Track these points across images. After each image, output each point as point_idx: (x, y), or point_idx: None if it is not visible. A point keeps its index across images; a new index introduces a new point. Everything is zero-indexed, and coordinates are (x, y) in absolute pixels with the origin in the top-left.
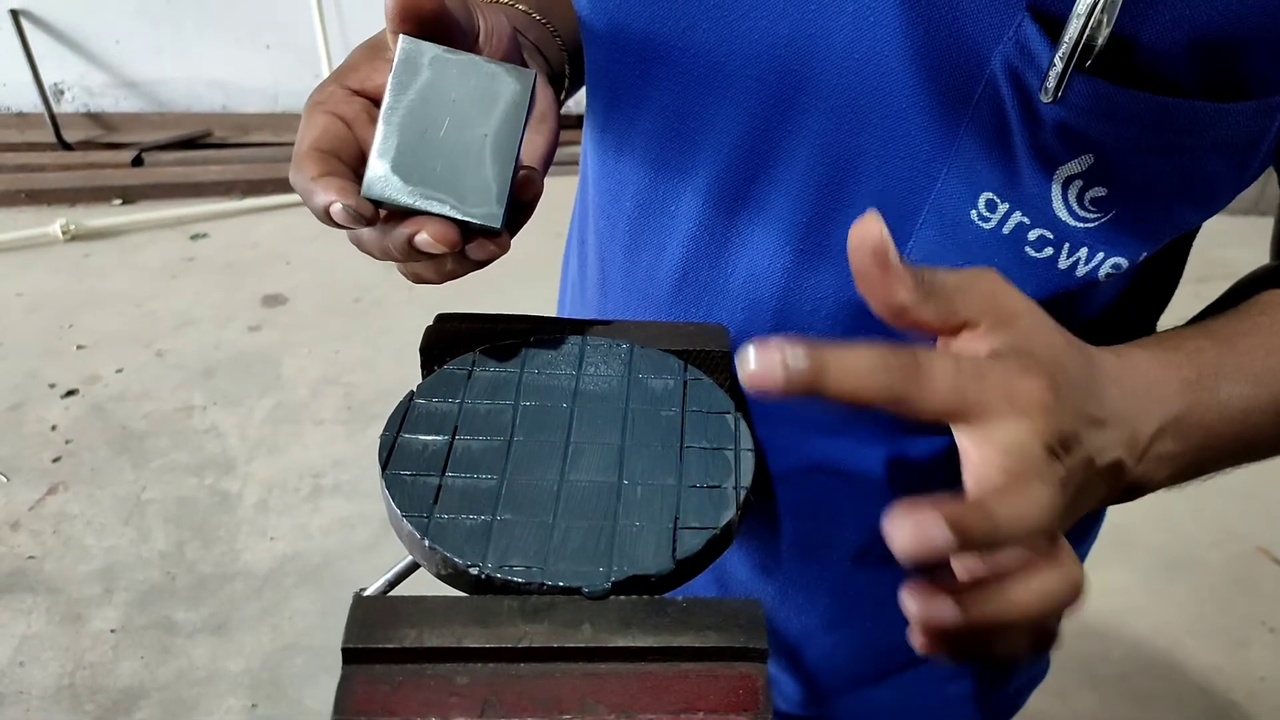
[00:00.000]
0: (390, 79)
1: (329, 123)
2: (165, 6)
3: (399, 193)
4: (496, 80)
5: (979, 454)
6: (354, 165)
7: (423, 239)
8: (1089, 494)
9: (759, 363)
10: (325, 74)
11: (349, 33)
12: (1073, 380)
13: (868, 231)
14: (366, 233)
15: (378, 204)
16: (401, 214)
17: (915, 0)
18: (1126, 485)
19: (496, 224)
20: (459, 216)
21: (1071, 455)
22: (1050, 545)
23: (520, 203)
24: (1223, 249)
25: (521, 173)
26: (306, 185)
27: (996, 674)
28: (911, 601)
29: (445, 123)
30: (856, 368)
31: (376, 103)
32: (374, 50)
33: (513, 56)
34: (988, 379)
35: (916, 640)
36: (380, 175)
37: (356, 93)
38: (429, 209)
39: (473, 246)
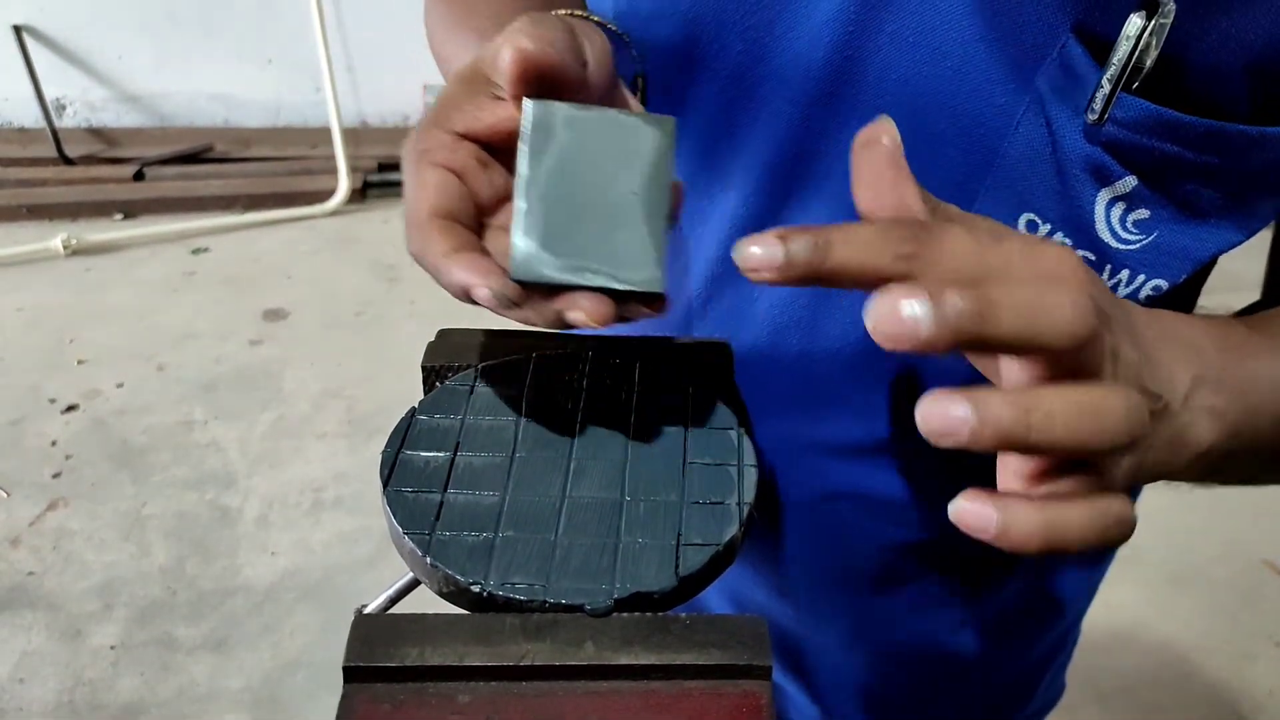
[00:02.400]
0: (522, 146)
1: (442, 179)
2: (167, 21)
3: (551, 269)
4: (636, 132)
5: None
6: (473, 226)
7: (576, 317)
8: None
9: (757, 245)
10: (327, 88)
11: (350, 46)
12: (1101, 288)
13: (879, 131)
14: None
15: (526, 284)
16: (551, 287)
17: (956, 21)
18: (1172, 434)
19: (659, 288)
20: (618, 286)
21: (1112, 334)
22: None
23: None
24: (1228, 261)
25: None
26: (438, 262)
27: (1013, 696)
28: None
29: (589, 186)
30: (861, 238)
31: (484, 146)
32: (472, 84)
33: (613, 80)
34: (1007, 242)
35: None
36: (529, 253)
37: (463, 136)
38: (585, 283)
39: (628, 310)
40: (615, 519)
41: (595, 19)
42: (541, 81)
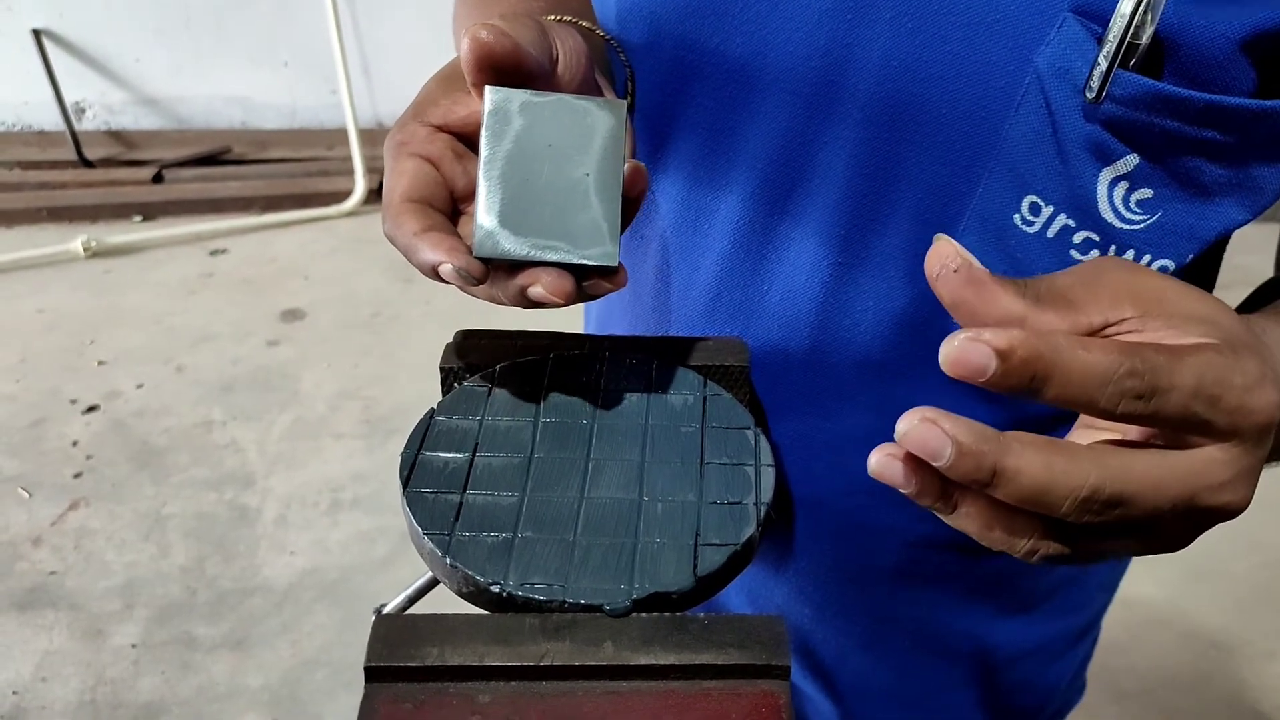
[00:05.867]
0: (483, 131)
1: (417, 167)
2: (184, 25)
3: (511, 246)
4: (589, 116)
5: (1168, 461)
6: (447, 211)
7: (537, 292)
8: None
9: (964, 350)
10: (343, 90)
11: (366, 49)
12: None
13: (942, 253)
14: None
15: (489, 261)
16: (514, 264)
17: (955, 5)
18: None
19: (613, 263)
20: (575, 261)
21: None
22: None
23: (627, 199)
24: (1244, 255)
25: (628, 166)
26: (409, 242)
27: (1032, 695)
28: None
29: (545, 167)
30: (1087, 376)
31: (460, 138)
32: (450, 81)
33: (589, 79)
34: (1223, 401)
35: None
36: (490, 231)
37: (439, 129)
38: (543, 258)
39: (589, 285)
40: (633, 519)
41: (584, 24)
42: (501, 71)
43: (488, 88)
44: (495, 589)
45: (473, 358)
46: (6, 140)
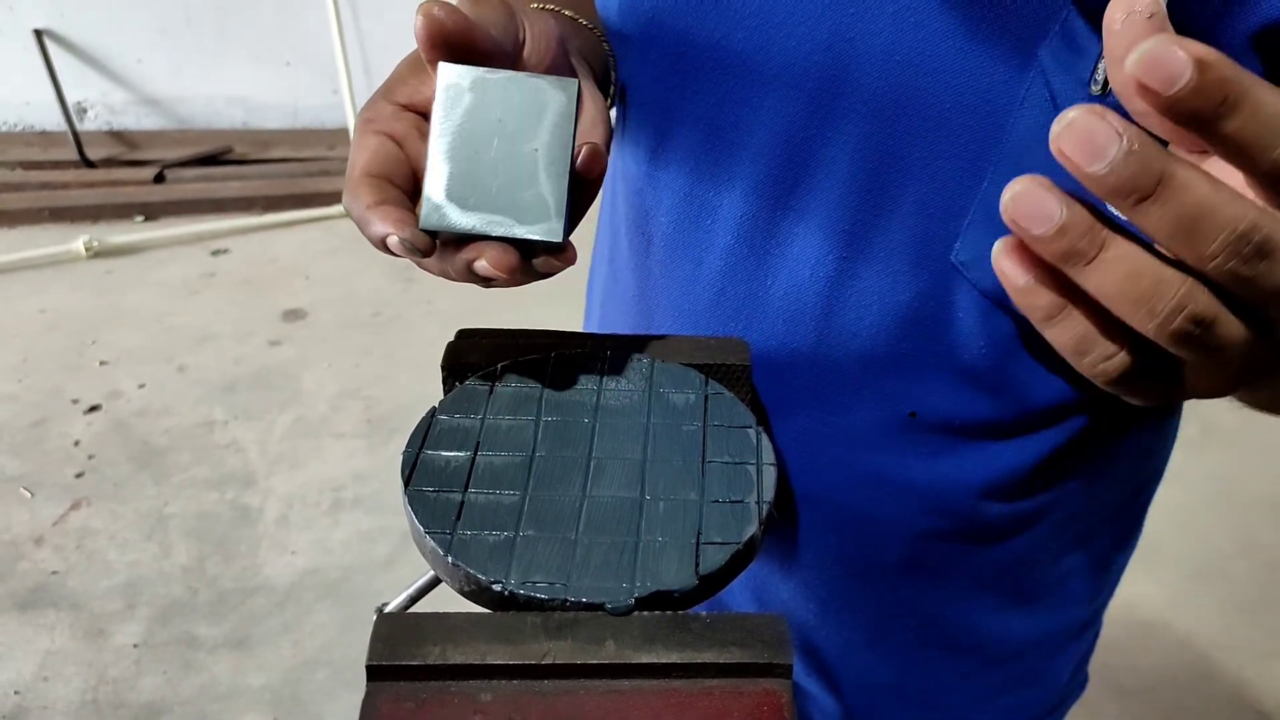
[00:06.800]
0: (435, 106)
1: (380, 144)
2: (185, 25)
3: (457, 219)
4: (541, 93)
5: None
6: (407, 187)
7: (481, 266)
8: None
9: (1159, 54)
10: (344, 89)
11: (367, 48)
12: None
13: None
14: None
15: (435, 233)
16: (461, 238)
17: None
18: None
19: (558, 238)
20: (520, 235)
21: None
22: None
23: (585, 180)
24: None
25: (584, 148)
26: (362, 214)
27: (1042, 678)
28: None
29: (494, 143)
30: (1278, 112)
31: (426, 117)
32: (420, 63)
33: (560, 63)
34: None
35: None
36: (436, 204)
37: (406, 108)
38: (489, 232)
39: (538, 262)
40: (635, 518)
41: (568, 14)
42: (455, 49)
43: (441, 64)
44: (497, 588)
45: (473, 357)
46: (8, 140)
